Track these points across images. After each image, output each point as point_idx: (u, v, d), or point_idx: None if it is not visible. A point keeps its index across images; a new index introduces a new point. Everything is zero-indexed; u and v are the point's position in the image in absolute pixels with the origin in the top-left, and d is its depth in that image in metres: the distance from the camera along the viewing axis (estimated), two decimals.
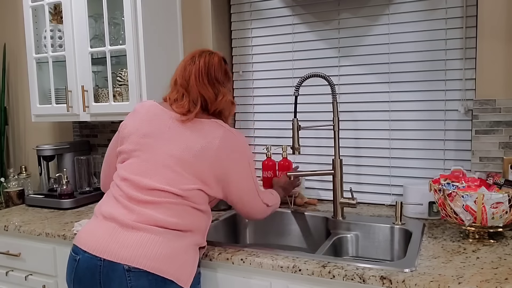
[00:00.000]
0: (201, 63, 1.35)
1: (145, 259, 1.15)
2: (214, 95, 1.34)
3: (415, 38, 1.76)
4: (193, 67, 1.35)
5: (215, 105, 1.35)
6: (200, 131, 1.29)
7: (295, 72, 2.00)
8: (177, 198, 1.24)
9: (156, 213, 1.21)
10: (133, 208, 1.22)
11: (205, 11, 2.00)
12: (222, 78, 1.38)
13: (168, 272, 1.16)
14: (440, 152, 1.76)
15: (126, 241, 1.18)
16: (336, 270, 1.17)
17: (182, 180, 1.24)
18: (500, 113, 1.55)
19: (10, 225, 1.74)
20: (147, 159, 1.27)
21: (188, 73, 1.34)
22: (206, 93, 1.33)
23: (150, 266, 1.15)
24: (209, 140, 1.27)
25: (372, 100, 1.86)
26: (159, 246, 1.17)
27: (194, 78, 1.33)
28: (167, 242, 1.19)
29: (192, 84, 1.33)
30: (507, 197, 1.25)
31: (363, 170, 1.91)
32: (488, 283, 1.04)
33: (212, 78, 1.35)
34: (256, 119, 2.12)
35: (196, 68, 1.34)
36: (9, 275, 1.78)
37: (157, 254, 1.16)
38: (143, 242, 1.17)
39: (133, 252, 1.16)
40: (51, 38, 2.00)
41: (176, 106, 1.32)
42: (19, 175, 2.31)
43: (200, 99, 1.32)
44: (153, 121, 1.32)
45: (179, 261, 1.19)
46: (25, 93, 2.54)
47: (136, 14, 1.79)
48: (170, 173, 1.24)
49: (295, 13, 1.97)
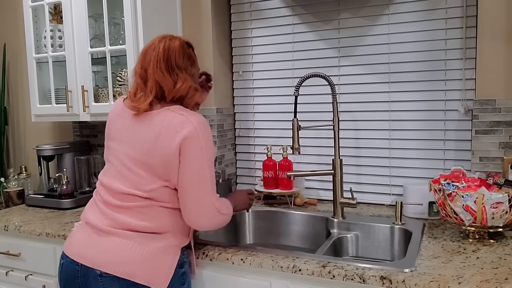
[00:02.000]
0: (160, 49, 1.26)
1: (116, 265, 1.17)
2: (172, 83, 1.25)
3: (415, 38, 1.76)
4: (152, 54, 1.27)
5: (173, 93, 1.25)
6: (150, 125, 1.22)
7: (295, 72, 2.00)
8: (144, 200, 1.21)
9: (127, 218, 1.21)
10: (107, 213, 1.23)
11: (205, 11, 1.99)
12: (184, 63, 1.29)
13: (139, 277, 1.17)
14: (440, 152, 1.76)
15: (99, 246, 1.20)
16: (336, 270, 1.17)
17: (143, 181, 1.22)
18: (500, 113, 1.55)
19: (10, 225, 1.74)
20: (114, 163, 1.27)
21: (147, 61, 1.27)
22: (163, 81, 1.24)
23: (120, 271, 1.16)
24: (158, 130, 1.20)
25: (372, 100, 1.86)
26: (129, 250, 1.18)
27: (152, 66, 1.25)
28: (138, 246, 1.19)
29: (150, 73, 1.25)
30: (507, 197, 1.25)
31: (363, 170, 1.91)
32: (488, 283, 1.04)
33: (172, 65, 1.26)
34: (256, 119, 2.12)
35: (156, 54, 1.26)
36: (9, 275, 1.78)
37: (128, 259, 1.17)
38: (114, 247, 1.18)
39: (105, 257, 1.18)
40: (51, 38, 2.00)
41: (132, 100, 1.27)
42: (19, 175, 2.31)
43: (156, 88, 1.24)
44: (115, 122, 1.30)
45: (152, 265, 1.19)
46: (25, 93, 2.54)
47: (136, 14, 1.79)
48: (132, 176, 1.23)
49: (295, 13, 1.97)
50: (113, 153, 1.28)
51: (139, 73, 1.27)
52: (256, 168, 2.13)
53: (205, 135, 1.22)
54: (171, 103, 1.26)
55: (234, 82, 2.16)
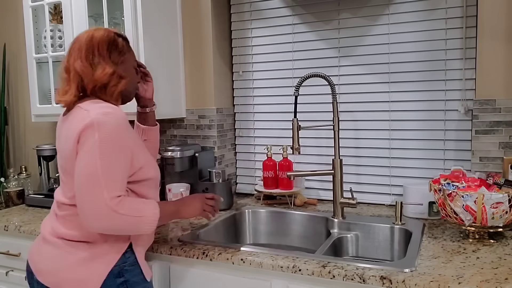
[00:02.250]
0: (83, 39, 1.19)
1: (45, 274, 1.19)
2: (91, 71, 1.16)
3: (415, 38, 1.76)
4: (76, 46, 1.19)
5: (93, 82, 1.17)
6: (66, 127, 1.18)
7: (295, 72, 2.00)
8: (71, 208, 1.18)
9: (60, 226, 1.20)
10: (50, 221, 1.25)
11: (205, 11, 1.99)
12: (109, 51, 1.20)
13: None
14: (440, 152, 1.76)
15: (37, 253, 1.23)
16: (336, 270, 1.17)
17: (66, 187, 1.20)
18: (500, 113, 1.55)
19: (10, 225, 1.74)
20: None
21: (70, 53, 1.20)
22: (82, 70, 1.16)
23: (48, 281, 1.18)
24: (70, 132, 1.14)
25: (372, 100, 1.86)
26: (57, 259, 1.17)
27: (73, 56, 1.17)
28: (65, 255, 1.17)
29: (71, 64, 1.18)
30: (507, 197, 1.25)
31: (363, 170, 1.91)
32: (488, 283, 1.04)
33: (94, 53, 1.17)
34: (256, 119, 2.12)
35: (78, 45, 1.18)
36: (9, 275, 1.78)
37: (55, 268, 1.17)
38: (46, 256, 1.20)
39: (39, 265, 1.21)
40: (51, 38, 2.00)
41: (58, 94, 1.21)
42: (19, 175, 2.31)
43: (77, 78, 1.17)
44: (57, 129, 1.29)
45: (79, 275, 1.15)
46: (25, 93, 2.54)
47: (136, 14, 1.79)
48: (62, 184, 1.23)
49: (295, 13, 1.97)
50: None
51: (64, 66, 1.21)
52: (256, 168, 2.13)
53: (104, 127, 1.09)
54: (93, 96, 1.19)
55: (234, 82, 2.16)
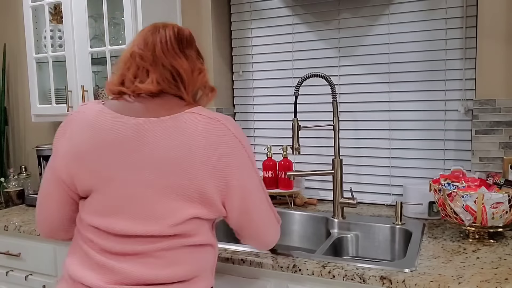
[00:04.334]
0: (169, 31, 1.00)
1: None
2: (189, 68, 0.99)
3: (415, 38, 1.76)
4: (157, 36, 0.99)
5: (192, 83, 1.00)
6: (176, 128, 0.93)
7: (295, 72, 2.00)
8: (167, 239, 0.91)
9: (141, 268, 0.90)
10: (109, 265, 0.90)
11: (205, 11, 1.99)
12: (198, 52, 1.06)
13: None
14: (440, 152, 1.76)
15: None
16: (336, 270, 1.17)
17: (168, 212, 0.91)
18: (500, 113, 1.55)
19: (10, 225, 1.74)
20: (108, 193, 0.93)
21: (152, 43, 0.98)
22: (178, 64, 0.98)
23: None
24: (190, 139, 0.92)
25: (372, 100, 1.86)
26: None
27: (160, 46, 0.98)
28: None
29: (159, 55, 0.97)
30: (507, 197, 1.25)
31: (363, 170, 1.91)
32: (488, 283, 1.04)
33: (186, 47, 1.01)
34: (256, 119, 2.12)
35: (162, 35, 0.99)
36: (9, 275, 1.78)
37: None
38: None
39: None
40: (51, 38, 2.00)
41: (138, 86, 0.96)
42: (19, 175, 2.31)
43: (173, 73, 0.97)
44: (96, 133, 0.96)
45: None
46: (25, 93, 2.54)
47: (136, 14, 1.79)
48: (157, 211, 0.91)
49: (295, 13, 1.97)
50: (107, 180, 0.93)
51: (143, 54, 0.98)
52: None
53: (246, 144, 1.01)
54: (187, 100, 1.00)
55: (234, 82, 2.16)
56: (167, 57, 0.98)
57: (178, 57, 0.99)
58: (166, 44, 0.98)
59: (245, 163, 0.97)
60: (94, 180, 0.93)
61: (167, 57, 0.98)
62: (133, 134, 0.92)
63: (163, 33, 1.00)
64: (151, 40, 0.99)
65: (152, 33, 1.00)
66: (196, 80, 1.01)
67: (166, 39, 0.99)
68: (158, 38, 0.99)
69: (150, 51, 0.98)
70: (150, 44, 0.98)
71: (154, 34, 1.00)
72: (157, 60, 0.97)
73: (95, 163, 0.93)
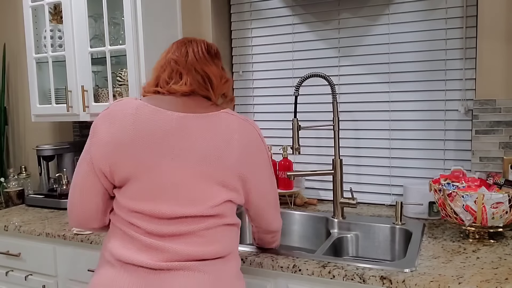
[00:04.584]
0: (200, 44, 1.15)
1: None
2: (218, 75, 1.14)
3: (415, 38, 1.76)
4: (190, 46, 1.13)
5: (220, 88, 1.15)
6: (215, 124, 1.05)
7: (295, 72, 2.00)
8: (208, 219, 1.03)
9: (188, 246, 1.00)
10: (157, 246, 0.99)
11: (205, 11, 2.00)
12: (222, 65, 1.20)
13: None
14: (440, 152, 1.76)
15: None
16: (336, 270, 1.17)
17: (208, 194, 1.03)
18: (500, 113, 1.55)
19: (10, 225, 1.74)
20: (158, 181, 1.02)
21: (185, 51, 1.12)
22: (209, 69, 1.11)
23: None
24: (228, 135, 1.06)
25: (372, 100, 1.86)
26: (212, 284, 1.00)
27: (193, 54, 1.11)
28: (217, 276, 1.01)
29: (192, 60, 1.10)
30: (507, 197, 1.25)
31: (363, 170, 1.91)
32: (488, 283, 1.04)
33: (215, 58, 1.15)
34: (256, 119, 2.12)
35: (195, 45, 1.13)
36: (9, 275, 1.78)
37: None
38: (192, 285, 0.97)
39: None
40: (51, 38, 2.00)
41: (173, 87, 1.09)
42: (19, 175, 2.31)
43: (204, 77, 1.11)
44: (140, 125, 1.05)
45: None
46: (25, 93, 2.54)
47: (136, 14, 1.79)
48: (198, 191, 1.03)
49: (295, 13, 1.97)
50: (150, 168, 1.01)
51: (177, 59, 1.11)
52: None
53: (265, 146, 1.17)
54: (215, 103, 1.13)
55: (234, 82, 2.16)
56: (199, 63, 1.11)
57: (209, 64, 1.12)
58: (198, 53, 1.12)
59: (266, 160, 1.14)
60: (135, 169, 1.02)
61: (199, 63, 1.11)
62: (177, 126, 1.03)
63: (195, 44, 1.14)
64: (185, 49, 1.13)
65: (185, 43, 1.14)
66: (223, 86, 1.16)
67: (198, 49, 1.12)
68: (191, 48, 1.13)
69: (184, 57, 1.11)
70: (184, 51, 1.12)
71: (187, 45, 1.14)
72: (190, 65, 1.11)
73: (138, 153, 1.01)
